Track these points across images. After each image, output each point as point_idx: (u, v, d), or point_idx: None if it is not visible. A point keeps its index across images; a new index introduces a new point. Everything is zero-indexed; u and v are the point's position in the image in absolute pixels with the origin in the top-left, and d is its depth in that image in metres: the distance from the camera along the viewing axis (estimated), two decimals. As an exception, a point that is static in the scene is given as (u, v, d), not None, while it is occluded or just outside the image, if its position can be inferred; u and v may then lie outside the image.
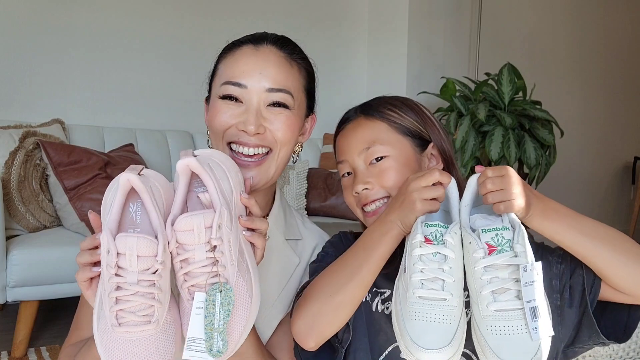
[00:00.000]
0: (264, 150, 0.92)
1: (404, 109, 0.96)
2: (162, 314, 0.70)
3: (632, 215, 4.75)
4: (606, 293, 0.83)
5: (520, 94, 3.16)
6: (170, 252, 0.71)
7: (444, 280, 0.72)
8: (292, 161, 1.02)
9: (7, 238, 2.04)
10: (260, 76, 0.90)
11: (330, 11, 3.57)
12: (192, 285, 0.72)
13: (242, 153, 0.91)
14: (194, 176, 0.76)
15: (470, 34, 3.67)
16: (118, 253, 0.68)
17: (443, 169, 0.96)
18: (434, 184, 0.80)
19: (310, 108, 1.01)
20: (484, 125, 2.92)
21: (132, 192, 0.72)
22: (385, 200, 0.92)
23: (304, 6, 3.45)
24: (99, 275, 0.73)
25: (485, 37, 3.69)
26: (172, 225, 0.71)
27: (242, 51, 0.93)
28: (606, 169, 4.82)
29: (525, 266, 0.69)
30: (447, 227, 0.75)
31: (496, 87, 3.10)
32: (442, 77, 3.33)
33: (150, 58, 2.99)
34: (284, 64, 0.93)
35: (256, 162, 0.91)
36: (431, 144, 0.96)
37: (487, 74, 3.34)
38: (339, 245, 1.00)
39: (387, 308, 0.92)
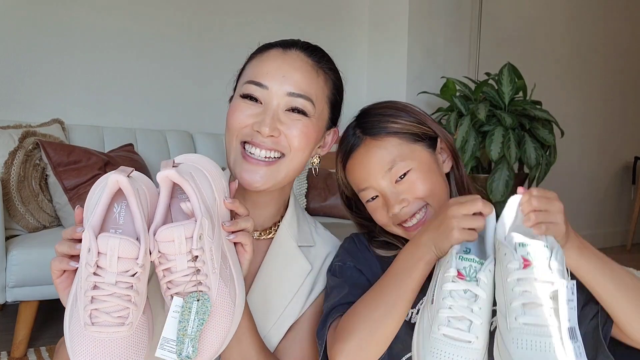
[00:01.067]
0: (277, 154, 0.91)
1: (402, 115, 0.95)
2: (137, 317, 0.70)
3: (632, 215, 4.75)
4: (615, 335, 0.84)
5: (521, 94, 3.16)
6: (153, 262, 0.72)
7: (471, 321, 0.71)
8: (315, 174, 1.02)
9: (7, 238, 2.04)
10: (283, 79, 0.90)
11: (330, 11, 3.57)
12: (175, 293, 0.73)
13: (253, 155, 0.90)
14: (177, 184, 0.76)
15: (470, 34, 3.67)
16: (99, 252, 0.68)
17: (454, 161, 0.97)
18: (474, 213, 0.78)
19: (333, 121, 1.00)
20: (484, 125, 2.92)
21: (118, 193, 0.73)
22: (424, 209, 0.92)
23: (304, 6, 3.45)
24: (74, 270, 0.73)
25: (485, 37, 3.69)
26: (154, 235, 0.71)
27: (270, 53, 0.93)
28: (606, 169, 4.82)
29: (566, 284, 0.67)
30: (482, 264, 0.73)
31: (496, 87, 3.10)
32: (442, 77, 3.33)
33: (151, 58, 2.98)
34: (309, 71, 0.92)
35: (266, 162, 0.90)
36: (439, 139, 0.96)
37: (487, 74, 3.34)
38: (355, 251, 0.99)
39: (406, 316, 0.92)
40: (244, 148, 0.91)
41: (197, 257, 0.72)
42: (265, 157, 0.90)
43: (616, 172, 4.92)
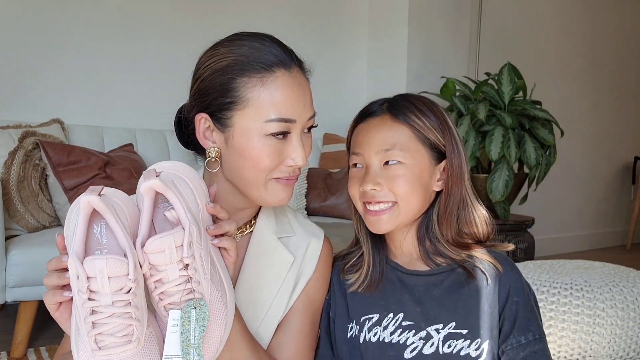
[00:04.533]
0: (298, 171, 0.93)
1: (430, 117, 0.95)
2: (142, 331, 0.70)
3: (632, 215, 4.75)
4: None
5: (520, 93, 3.16)
6: (144, 274, 0.71)
7: None
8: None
9: (7, 238, 2.04)
10: (304, 107, 0.88)
11: (330, 11, 3.56)
12: (168, 304, 0.72)
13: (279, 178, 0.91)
14: (158, 193, 0.75)
15: (470, 34, 3.67)
16: (88, 277, 0.66)
17: (446, 187, 0.96)
18: None
19: None
20: (484, 125, 2.92)
21: (95, 214, 0.71)
22: (391, 205, 0.93)
23: (304, 6, 3.45)
24: (70, 299, 0.72)
25: (485, 37, 3.69)
26: (143, 247, 0.70)
27: (279, 80, 0.86)
28: (606, 169, 4.82)
29: None
30: None
31: (496, 87, 3.10)
32: (442, 77, 3.33)
33: (151, 58, 2.98)
34: (308, 85, 0.92)
35: (294, 180, 0.93)
36: (446, 159, 0.96)
37: (487, 74, 3.34)
38: (331, 281, 1.03)
39: (375, 335, 0.93)
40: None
41: (187, 265, 0.71)
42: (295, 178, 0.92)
43: (616, 172, 4.92)
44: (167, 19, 3.03)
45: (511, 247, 0.99)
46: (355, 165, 0.97)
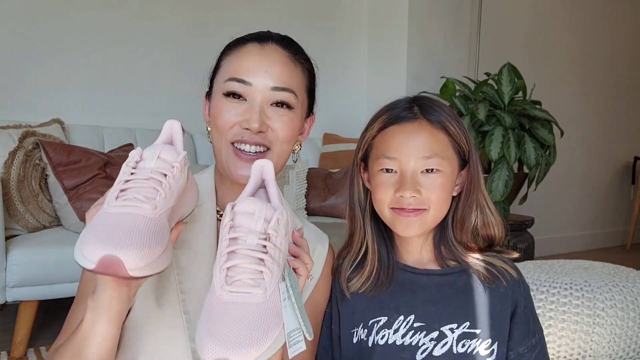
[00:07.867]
0: (264, 148, 0.93)
1: (459, 123, 0.95)
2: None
3: (632, 215, 4.75)
4: None
5: (520, 93, 3.16)
6: (224, 227, 0.73)
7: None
8: (293, 160, 1.02)
9: (7, 238, 2.04)
10: (265, 74, 0.91)
11: (330, 11, 3.57)
12: (229, 267, 0.70)
13: (243, 150, 0.91)
14: (263, 188, 0.80)
15: (470, 34, 3.67)
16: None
17: (459, 195, 0.97)
18: None
19: (310, 108, 1.02)
20: (484, 125, 2.92)
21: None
22: (421, 212, 0.92)
23: (304, 6, 3.45)
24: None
25: (485, 37, 3.69)
26: (233, 208, 0.73)
27: (247, 49, 0.93)
28: (606, 169, 4.82)
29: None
30: None
31: (496, 87, 3.10)
32: (442, 77, 3.33)
33: (150, 58, 2.98)
34: (288, 64, 0.93)
35: (257, 155, 0.92)
36: (467, 166, 0.96)
37: (487, 74, 3.34)
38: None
39: (383, 337, 0.92)
40: (234, 146, 0.92)
41: (269, 236, 0.72)
42: (255, 152, 0.92)
43: (616, 172, 4.92)
44: (166, 19, 3.03)
45: (515, 254, 1.00)
46: (385, 169, 0.93)
